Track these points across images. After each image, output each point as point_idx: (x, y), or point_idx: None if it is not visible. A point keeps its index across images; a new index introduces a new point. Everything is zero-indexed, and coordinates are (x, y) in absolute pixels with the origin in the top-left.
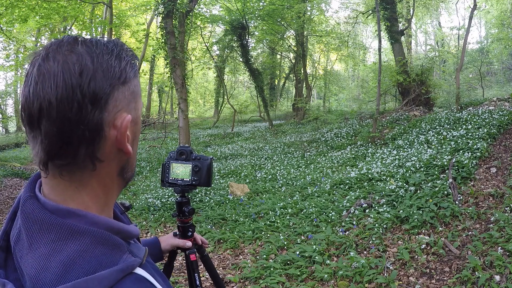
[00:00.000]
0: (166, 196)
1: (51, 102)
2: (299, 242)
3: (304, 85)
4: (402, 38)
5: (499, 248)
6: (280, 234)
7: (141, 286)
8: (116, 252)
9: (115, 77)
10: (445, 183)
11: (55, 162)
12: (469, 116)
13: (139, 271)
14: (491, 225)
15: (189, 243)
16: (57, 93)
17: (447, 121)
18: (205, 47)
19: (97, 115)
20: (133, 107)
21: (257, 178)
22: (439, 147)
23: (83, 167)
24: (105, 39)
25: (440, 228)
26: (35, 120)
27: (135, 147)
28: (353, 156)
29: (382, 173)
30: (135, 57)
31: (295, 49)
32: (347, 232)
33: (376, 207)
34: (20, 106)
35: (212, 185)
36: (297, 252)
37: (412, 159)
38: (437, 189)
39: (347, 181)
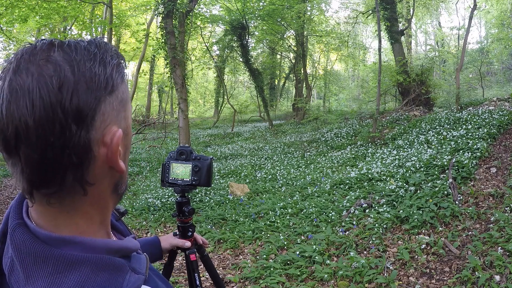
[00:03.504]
0: (166, 196)
1: (28, 125)
2: (299, 242)
3: (304, 85)
4: (402, 38)
5: (499, 248)
6: (280, 234)
7: None
8: (118, 275)
9: (101, 88)
10: (445, 183)
11: (40, 191)
12: (469, 116)
13: None
14: (491, 225)
15: (188, 243)
16: (35, 114)
17: (447, 121)
18: (205, 47)
19: (84, 135)
20: (122, 117)
21: (257, 178)
22: (439, 147)
23: (73, 192)
24: (86, 40)
25: (440, 228)
26: (12, 146)
27: (127, 159)
28: (353, 156)
29: (382, 173)
30: (120, 57)
31: (295, 49)
32: (347, 232)
33: (376, 207)
34: None
35: (212, 185)
36: (297, 252)
37: (412, 159)
38: (437, 189)
39: (347, 181)
